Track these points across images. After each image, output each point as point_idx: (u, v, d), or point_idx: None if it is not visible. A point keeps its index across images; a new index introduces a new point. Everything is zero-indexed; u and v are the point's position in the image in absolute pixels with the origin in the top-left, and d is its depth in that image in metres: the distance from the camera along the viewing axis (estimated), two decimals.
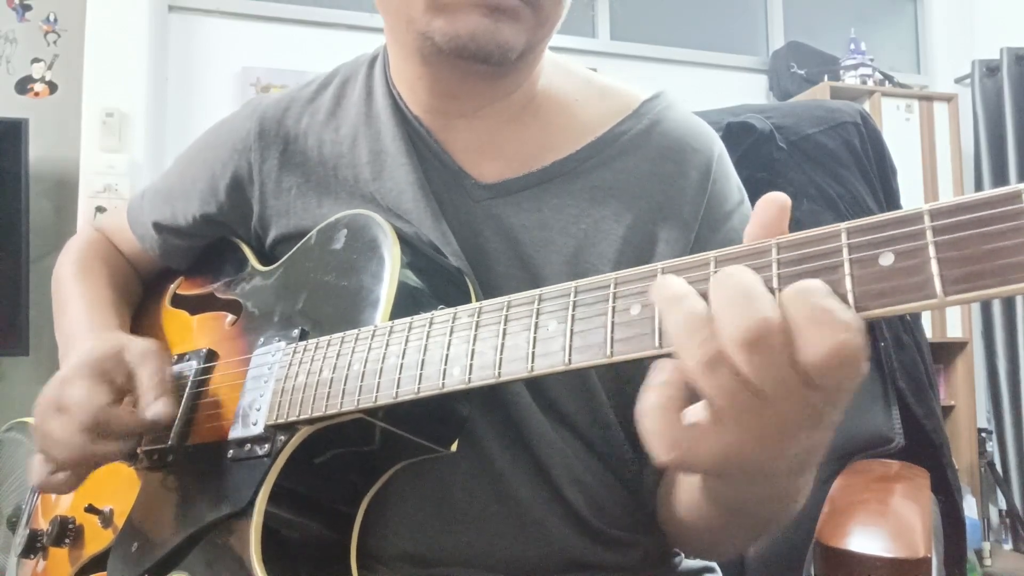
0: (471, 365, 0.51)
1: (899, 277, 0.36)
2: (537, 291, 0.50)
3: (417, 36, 0.66)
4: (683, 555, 0.79)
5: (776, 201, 0.43)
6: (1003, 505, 3.15)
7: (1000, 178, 3.23)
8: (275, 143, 0.77)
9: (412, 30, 0.66)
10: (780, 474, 0.49)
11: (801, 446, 0.44)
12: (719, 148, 0.76)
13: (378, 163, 0.74)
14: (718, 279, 0.40)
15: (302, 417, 0.60)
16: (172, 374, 0.72)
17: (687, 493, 0.66)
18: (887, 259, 0.37)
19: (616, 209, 0.71)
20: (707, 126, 0.78)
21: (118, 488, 0.75)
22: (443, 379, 0.53)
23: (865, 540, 0.68)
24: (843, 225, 0.39)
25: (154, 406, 0.67)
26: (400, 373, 0.55)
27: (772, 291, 0.39)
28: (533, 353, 0.48)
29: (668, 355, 0.44)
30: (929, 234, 0.36)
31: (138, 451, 0.72)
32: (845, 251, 0.38)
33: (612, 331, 0.45)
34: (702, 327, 0.40)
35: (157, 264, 0.91)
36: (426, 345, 0.55)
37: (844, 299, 0.38)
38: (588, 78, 0.78)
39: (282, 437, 0.62)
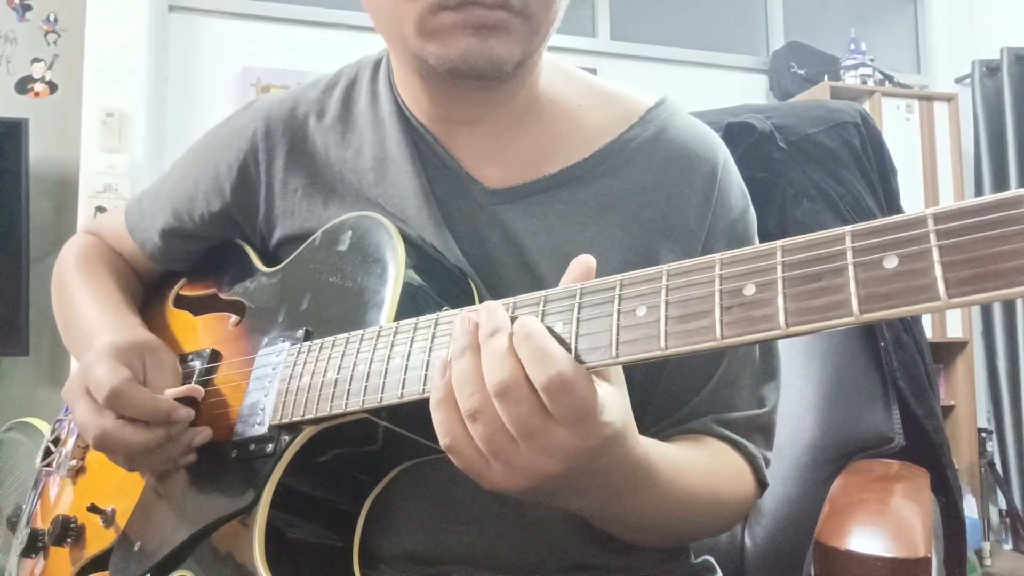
0: None
1: (903, 280, 0.36)
2: (543, 292, 0.51)
3: (413, 58, 0.66)
4: (690, 556, 0.79)
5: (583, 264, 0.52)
6: (1003, 505, 3.15)
7: (1000, 178, 3.23)
8: (281, 143, 0.77)
9: (407, 51, 0.66)
10: (580, 500, 0.56)
11: (576, 481, 0.50)
12: (724, 156, 0.77)
13: (382, 169, 0.74)
14: (482, 339, 0.49)
15: (307, 417, 0.61)
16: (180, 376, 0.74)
17: None
18: (891, 262, 0.37)
19: (622, 218, 0.71)
20: (712, 133, 0.78)
21: (121, 488, 0.75)
22: None
23: (865, 540, 0.67)
24: (847, 228, 0.39)
25: (173, 390, 0.69)
26: (405, 373, 0.55)
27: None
28: None
29: (672, 357, 0.44)
30: (933, 237, 0.36)
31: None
32: (849, 254, 0.39)
33: (617, 333, 0.46)
34: (471, 382, 0.48)
35: (158, 268, 0.91)
36: (431, 346, 0.55)
37: (846, 303, 0.38)
38: (590, 82, 0.78)
39: (286, 437, 0.62)
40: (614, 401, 0.49)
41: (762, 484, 0.72)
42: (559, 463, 0.48)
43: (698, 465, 0.65)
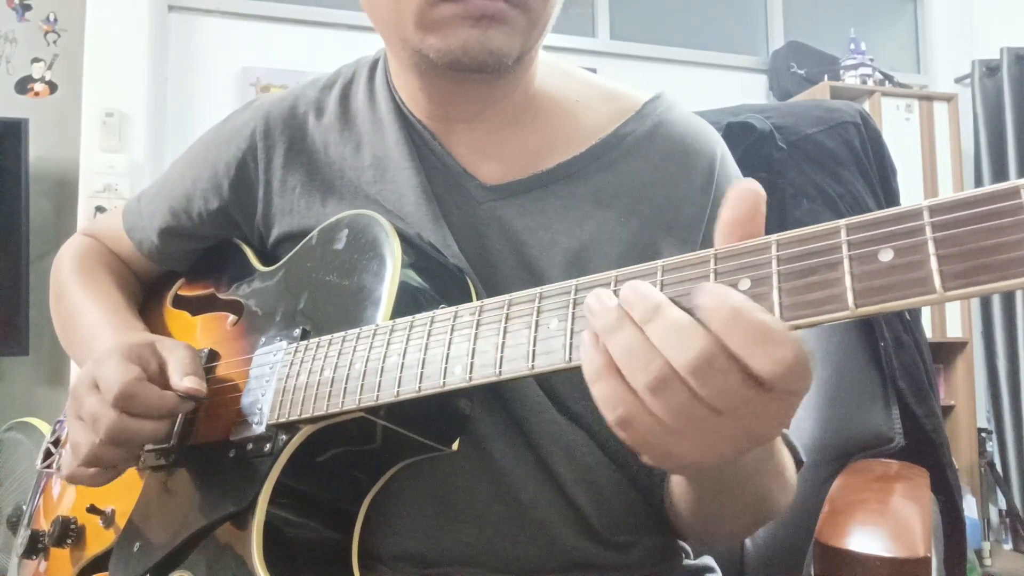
0: (472, 363, 0.51)
1: (899, 273, 0.36)
2: (538, 289, 0.51)
3: (413, 53, 0.66)
4: (689, 555, 0.79)
5: (751, 193, 0.43)
6: (1003, 505, 3.15)
7: (1000, 178, 3.23)
8: (280, 141, 0.77)
9: (407, 48, 0.66)
10: (743, 462, 0.54)
11: (759, 446, 0.46)
12: (721, 149, 0.77)
13: (381, 167, 0.74)
14: (645, 314, 0.42)
15: (304, 416, 0.60)
16: (201, 364, 0.73)
17: (676, 480, 0.67)
18: (887, 255, 0.37)
19: (620, 212, 0.71)
20: (709, 127, 0.78)
21: (120, 489, 0.75)
22: (444, 377, 0.53)
23: (865, 540, 0.68)
24: (843, 222, 0.39)
25: (186, 379, 0.67)
26: (401, 372, 0.55)
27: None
28: (534, 351, 0.49)
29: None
30: (928, 230, 0.36)
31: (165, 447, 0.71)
32: (845, 248, 0.39)
33: None
34: (643, 354, 0.42)
35: (155, 268, 0.91)
36: (427, 344, 0.55)
37: (842, 297, 0.38)
38: (587, 80, 0.79)
39: (284, 436, 0.62)
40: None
41: (799, 463, 0.70)
42: (775, 428, 0.44)
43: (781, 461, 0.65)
